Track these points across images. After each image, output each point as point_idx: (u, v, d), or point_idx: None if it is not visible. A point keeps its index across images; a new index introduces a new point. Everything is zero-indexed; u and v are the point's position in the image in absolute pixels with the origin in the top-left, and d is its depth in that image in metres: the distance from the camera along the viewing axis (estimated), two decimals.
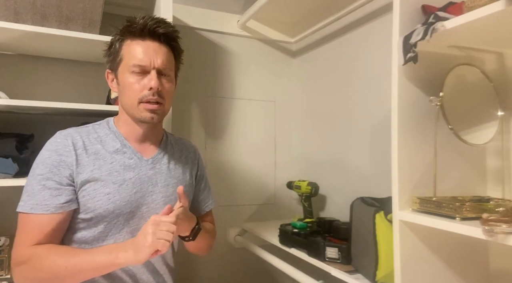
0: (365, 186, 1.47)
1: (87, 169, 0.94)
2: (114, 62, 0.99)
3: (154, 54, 0.95)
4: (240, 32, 1.89)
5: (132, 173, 0.99)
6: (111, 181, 0.95)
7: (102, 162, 0.96)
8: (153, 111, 0.96)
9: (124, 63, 0.96)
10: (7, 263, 1.28)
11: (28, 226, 0.89)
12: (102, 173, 0.95)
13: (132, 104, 0.95)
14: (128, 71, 0.95)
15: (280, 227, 1.46)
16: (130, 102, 0.96)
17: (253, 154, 1.92)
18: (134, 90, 0.94)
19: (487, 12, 0.73)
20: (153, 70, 0.95)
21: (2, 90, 1.25)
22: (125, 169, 0.98)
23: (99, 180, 0.94)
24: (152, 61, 0.94)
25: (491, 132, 0.94)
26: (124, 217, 0.96)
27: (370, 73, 1.48)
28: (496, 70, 0.99)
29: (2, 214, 1.31)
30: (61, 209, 0.90)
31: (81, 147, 0.96)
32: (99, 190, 0.94)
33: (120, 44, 0.97)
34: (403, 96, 0.92)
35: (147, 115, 0.95)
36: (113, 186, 0.95)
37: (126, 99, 0.97)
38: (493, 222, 0.69)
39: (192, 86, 1.80)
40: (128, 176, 0.98)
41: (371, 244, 1.02)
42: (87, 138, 0.98)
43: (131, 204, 0.97)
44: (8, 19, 1.20)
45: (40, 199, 0.89)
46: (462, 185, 0.98)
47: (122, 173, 0.97)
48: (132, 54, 0.95)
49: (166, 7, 1.39)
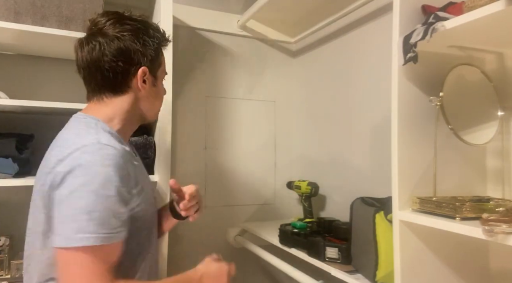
0: (365, 186, 1.47)
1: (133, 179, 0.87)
2: (155, 65, 0.96)
3: None
4: (240, 32, 1.89)
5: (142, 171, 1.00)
6: (141, 180, 0.92)
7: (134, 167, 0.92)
8: None
9: (162, 69, 1.00)
10: (7, 263, 1.28)
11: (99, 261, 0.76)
12: (136, 174, 0.90)
13: (159, 109, 1.03)
14: (161, 78, 1.00)
15: (280, 227, 1.46)
16: (159, 107, 1.02)
17: (253, 154, 1.92)
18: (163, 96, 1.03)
19: (487, 12, 0.73)
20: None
21: (2, 90, 1.25)
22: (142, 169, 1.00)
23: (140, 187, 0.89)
24: None
25: (491, 132, 0.94)
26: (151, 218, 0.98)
27: (370, 73, 1.48)
28: (496, 70, 0.99)
29: (2, 214, 1.31)
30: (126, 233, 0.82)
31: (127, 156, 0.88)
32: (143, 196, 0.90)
33: (159, 48, 0.97)
34: (403, 96, 0.92)
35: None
36: (146, 189, 0.94)
37: (157, 104, 1.01)
38: (493, 222, 0.69)
39: (192, 86, 1.80)
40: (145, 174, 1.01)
41: (371, 244, 1.02)
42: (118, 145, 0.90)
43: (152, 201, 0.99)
44: (8, 19, 1.20)
45: (114, 226, 0.78)
46: (462, 185, 0.97)
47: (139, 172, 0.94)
48: (165, 63, 1.01)
49: (166, 7, 1.39)
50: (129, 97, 0.93)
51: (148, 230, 0.95)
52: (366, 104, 1.50)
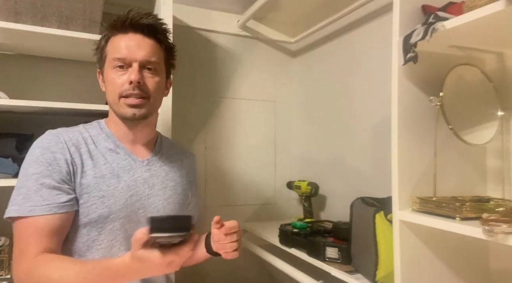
0: (365, 186, 1.47)
1: (79, 170, 0.88)
2: (101, 60, 0.95)
3: (136, 47, 0.90)
4: (240, 32, 1.89)
5: (127, 175, 0.93)
6: (105, 183, 0.89)
7: (95, 162, 0.91)
8: (135, 106, 0.90)
9: (108, 59, 0.92)
10: (7, 263, 1.28)
11: (27, 232, 0.82)
12: (96, 175, 0.89)
13: (114, 100, 0.91)
14: (110, 66, 0.91)
15: (280, 227, 1.46)
16: (112, 98, 0.91)
17: (253, 154, 1.92)
18: (115, 85, 0.90)
19: (487, 12, 0.73)
20: (134, 63, 0.89)
21: (2, 90, 1.25)
22: (119, 170, 0.93)
23: (92, 182, 0.88)
24: (133, 54, 0.89)
25: (491, 132, 0.94)
26: (120, 222, 0.90)
27: (370, 73, 1.48)
28: (496, 70, 0.99)
29: (2, 214, 1.31)
30: (63, 208, 0.84)
31: (73, 146, 0.90)
32: (92, 193, 0.88)
33: (105, 41, 0.94)
34: (403, 96, 0.92)
35: (127, 111, 0.90)
36: (107, 188, 0.89)
37: (108, 96, 0.93)
38: (493, 222, 0.69)
39: (192, 86, 1.80)
40: (123, 178, 0.92)
41: (371, 244, 1.02)
42: (80, 137, 0.93)
43: (126, 207, 0.91)
44: (8, 19, 1.20)
45: (38, 200, 0.82)
46: (462, 185, 0.97)
47: (116, 174, 0.92)
48: (114, 48, 0.91)
49: (166, 7, 1.40)
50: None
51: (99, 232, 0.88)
52: (366, 104, 1.50)
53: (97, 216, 0.88)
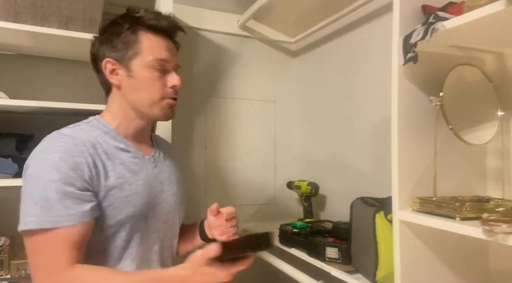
0: (365, 186, 1.47)
1: (102, 172, 0.86)
2: (125, 53, 0.91)
3: (173, 52, 0.97)
4: (240, 32, 1.89)
5: (141, 172, 0.93)
6: (127, 182, 0.89)
7: (113, 162, 0.89)
8: (172, 107, 0.97)
9: (143, 56, 0.91)
10: (7, 263, 1.28)
11: (53, 245, 0.77)
12: (117, 175, 0.88)
13: (153, 100, 0.92)
14: (149, 66, 0.91)
15: (280, 227, 1.46)
16: (151, 98, 0.92)
17: (253, 154, 1.92)
18: (157, 86, 0.92)
19: (487, 12, 0.73)
20: (173, 68, 0.97)
21: (2, 90, 1.25)
22: (134, 169, 0.92)
23: (116, 183, 0.87)
24: (173, 58, 0.96)
25: (491, 132, 0.94)
26: (144, 220, 0.91)
27: (370, 73, 1.48)
28: (496, 70, 0.99)
29: (2, 214, 1.31)
30: (87, 217, 0.80)
31: (91, 147, 0.86)
32: (117, 194, 0.86)
33: (135, 35, 0.91)
34: (403, 96, 0.92)
35: (168, 112, 0.96)
36: (130, 188, 0.89)
37: (144, 95, 0.92)
38: (493, 222, 0.69)
39: (192, 86, 1.80)
40: (140, 176, 0.92)
41: (371, 244, 1.02)
42: (91, 137, 0.89)
43: (147, 205, 0.92)
44: (8, 19, 1.20)
45: (61, 209, 0.77)
46: (462, 185, 0.97)
47: (133, 173, 0.91)
48: (155, 49, 0.92)
49: (166, 7, 1.40)
50: (114, 94, 0.96)
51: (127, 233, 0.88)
52: (366, 104, 1.50)
53: (125, 216, 0.87)
